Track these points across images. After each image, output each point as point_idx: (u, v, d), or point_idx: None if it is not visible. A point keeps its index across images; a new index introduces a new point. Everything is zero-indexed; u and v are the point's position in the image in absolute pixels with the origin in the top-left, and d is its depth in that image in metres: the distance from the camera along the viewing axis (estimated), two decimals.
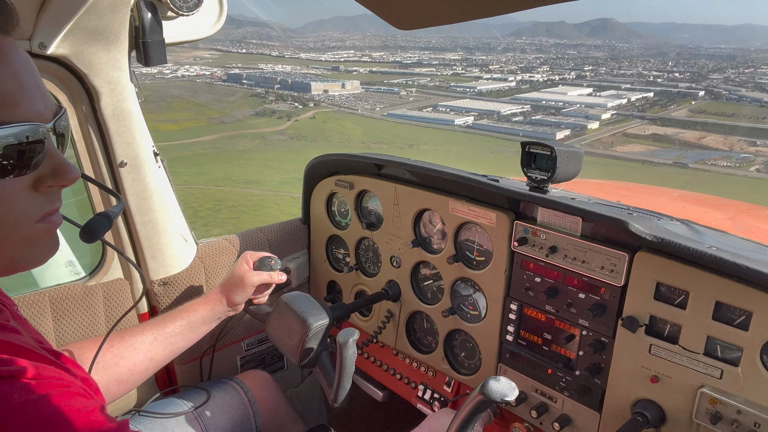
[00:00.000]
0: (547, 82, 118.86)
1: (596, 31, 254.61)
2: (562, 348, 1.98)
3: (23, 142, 0.91)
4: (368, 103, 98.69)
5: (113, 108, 2.12)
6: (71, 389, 0.98)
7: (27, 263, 1.02)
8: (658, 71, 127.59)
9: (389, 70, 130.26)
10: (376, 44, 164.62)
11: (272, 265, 2.26)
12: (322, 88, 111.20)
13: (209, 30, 2.26)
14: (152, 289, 2.43)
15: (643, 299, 1.71)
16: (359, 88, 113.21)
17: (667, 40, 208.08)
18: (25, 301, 2.11)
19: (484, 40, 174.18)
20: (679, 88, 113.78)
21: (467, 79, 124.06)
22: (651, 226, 1.68)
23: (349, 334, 1.88)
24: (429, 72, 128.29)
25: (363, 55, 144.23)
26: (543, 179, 1.93)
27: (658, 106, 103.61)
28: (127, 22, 2.01)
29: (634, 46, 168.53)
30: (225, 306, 2.18)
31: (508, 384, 1.40)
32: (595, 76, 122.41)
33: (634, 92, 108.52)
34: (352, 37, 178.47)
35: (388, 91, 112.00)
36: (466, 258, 2.25)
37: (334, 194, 2.75)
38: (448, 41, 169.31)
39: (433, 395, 2.44)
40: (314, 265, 2.95)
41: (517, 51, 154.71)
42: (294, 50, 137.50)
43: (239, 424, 2.27)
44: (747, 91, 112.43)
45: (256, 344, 2.83)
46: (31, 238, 0.98)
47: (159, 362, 2.01)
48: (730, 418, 1.55)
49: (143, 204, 2.30)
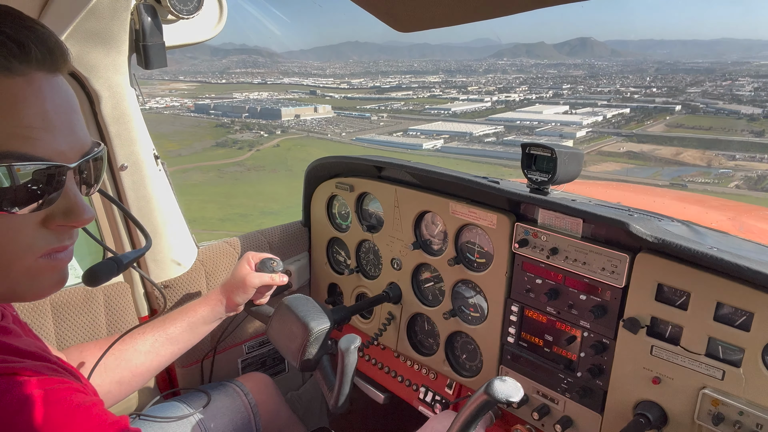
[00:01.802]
0: (523, 101, 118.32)
1: (576, 50, 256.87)
2: (564, 350, 1.97)
3: (37, 177, 0.90)
4: (338, 127, 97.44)
5: (114, 111, 2.13)
6: (71, 386, 0.99)
7: (28, 295, 1.00)
8: (636, 87, 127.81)
9: (364, 96, 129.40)
10: (357, 71, 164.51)
11: (274, 266, 2.26)
12: (294, 113, 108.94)
13: (209, 33, 2.26)
14: (153, 292, 2.43)
15: (645, 300, 1.71)
16: (331, 112, 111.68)
17: (646, 56, 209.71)
18: (27, 304, 2.11)
19: (466, 63, 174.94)
20: (656, 103, 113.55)
21: (443, 101, 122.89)
22: (652, 227, 1.68)
23: (350, 341, 1.87)
24: (405, 96, 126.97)
25: (342, 82, 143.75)
26: (543, 181, 1.93)
27: (635, 122, 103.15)
28: (127, 25, 2.02)
29: (613, 64, 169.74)
30: (225, 307, 2.18)
31: (514, 385, 1.39)
32: (572, 94, 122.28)
33: (611, 109, 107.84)
34: (333, 65, 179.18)
35: (359, 116, 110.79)
36: (467, 260, 2.25)
37: (335, 197, 2.75)
38: (431, 64, 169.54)
39: (434, 397, 2.44)
40: (315, 268, 2.95)
41: (498, 72, 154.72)
42: (278, 75, 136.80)
43: (240, 427, 2.27)
44: (724, 104, 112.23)
45: (257, 347, 2.83)
46: (34, 272, 0.97)
47: (161, 363, 2.01)
48: (732, 420, 1.54)
49: (144, 207, 2.30)
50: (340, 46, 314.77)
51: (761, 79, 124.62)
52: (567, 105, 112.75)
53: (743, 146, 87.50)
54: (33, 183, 0.90)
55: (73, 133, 0.97)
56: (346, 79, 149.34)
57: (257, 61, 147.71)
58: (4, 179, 0.86)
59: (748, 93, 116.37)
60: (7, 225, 0.91)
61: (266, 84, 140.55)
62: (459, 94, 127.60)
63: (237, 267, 2.23)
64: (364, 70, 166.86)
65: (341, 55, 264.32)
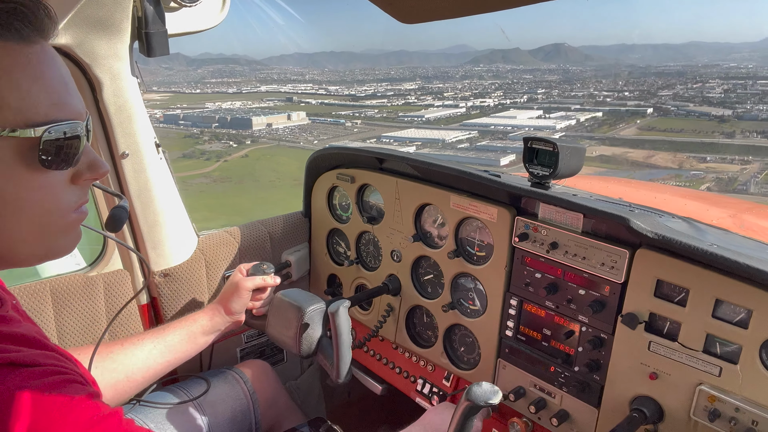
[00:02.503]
0: (498, 107, 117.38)
1: (550, 56, 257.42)
2: (562, 344, 1.98)
3: (70, 138, 1.00)
4: (312, 134, 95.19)
5: (115, 99, 2.12)
6: (68, 376, 1.00)
7: (61, 251, 1.09)
8: (609, 91, 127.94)
9: (340, 102, 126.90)
10: (334, 78, 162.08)
11: (265, 269, 2.29)
12: (266, 122, 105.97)
13: (212, 21, 2.25)
14: (153, 280, 2.44)
15: (643, 296, 1.71)
16: (306, 119, 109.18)
17: (619, 61, 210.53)
18: (26, 291, 2.11)
19: (443, 69, 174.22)
20: (628, 107, 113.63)
21: (417, 107, 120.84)
22: (652, 223, 1.68)
23: (339, 303, 1.90)
24: (380, 104, 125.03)
25: (320, 88, 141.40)
26: (545, 175, 1.93)
27: (607, 126, 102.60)
28: (129, 12, 2.01)
29: (587, 69, 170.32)
30: (224, 316, 2.20)
31: (491, 388, 1.43)
32: (546, 99, 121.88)
33: (584, 113, 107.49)
34: (311, 72, 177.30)
35: (334, 122, 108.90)
36: (467, 253, 2.25)
37: (336, 188, 2.75)
38: (408, 71, 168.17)
39: (432, 389, 2.45)
40: (315, 259, 2.95)
41: (474, 78, 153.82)
42: (255, 83, 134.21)
43: (239, 414, 2.28)
44: (695, 106, 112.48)
45: (256, 336, 2.84)
46: (69, 227, 1.07)
47: (157, 371, 2.01)
48: (728, 416, 1.55)
49: (144, 195, 2.30)
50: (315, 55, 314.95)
51: (731, 80, 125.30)
52: (541, 110, 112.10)
53: (714, 148, 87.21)
54: (69, 142, 0.99)
55: (78, 95, 1.06)
56: (323, 85, 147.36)
57: (234, 70, 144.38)
58: (49, 144, 0.96)
59: (717, 95, 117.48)
60: (50, 185, 1.00)
61: (241, 93, 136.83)
62: (434, 101, 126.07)
63: (230, 277, 2.28)
64: (340, 78, 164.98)
65: (318, 63, 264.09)
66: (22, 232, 1.00)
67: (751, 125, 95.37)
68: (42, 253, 1.06)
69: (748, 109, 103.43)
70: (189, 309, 2.48)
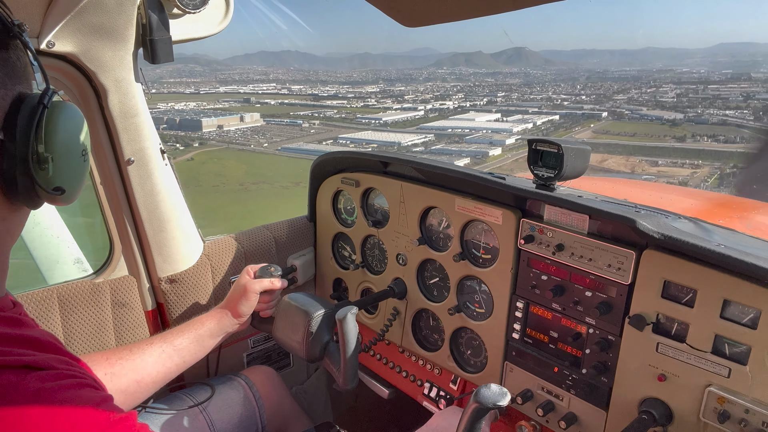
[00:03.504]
0: (457, 109, 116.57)
1: (512, 59, 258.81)
2: (569, 346, 1.97)
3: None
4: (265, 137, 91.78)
5: (120, 106, 2.13)
6: (82, 380, 1.01)
7: None
8: (567, 95, 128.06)
9: (299, 102, 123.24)
10: (298, 78, 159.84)
11: (272, 272, 2.29)
12: (216, 124, 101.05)
13: (216, 27, 2.26)
14: (159, 286, 2.44)
15: (651, 297, 1.70)
16: (260, 120, 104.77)
17: (578, 65, 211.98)
18: (34, 298, 2.12)
19: (407, 72, 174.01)
20: (584, 110, 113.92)
21: (376, 110, 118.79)
22: (658, 223, 1.67)
23: (346, 310, 1.90)
24: (340, 104, 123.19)
25: (282, 87, 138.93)
26: (550, 177, 1.92)
27: (563, 129, 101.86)
28: (134, 20, 2.02)
29: (547, 73, 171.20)
30: (231, 319, 2.20)
31: (499, 390, 1.42)
32: (505, 102, 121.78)
33: (541, 116, 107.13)
34: (276, 71, 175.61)
35: (291, 123, 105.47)
36: (473, 256, 2.25)
37: (341, 192, 2.75)
38: (371, 74, 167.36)
39: (439, 393, 2.44)
40: (320, 263, 2.95)
41: (437, 80, 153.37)
42: (215, 84, 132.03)
43: (244, 419, 2.28)
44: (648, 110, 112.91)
45: (263, 341, 2.84)
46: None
47: (167, 375, 2.03)
48: (737, 417, 1.54)
49: (150, 201, 2.31)
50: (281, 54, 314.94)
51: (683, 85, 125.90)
52: (499, 113, 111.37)
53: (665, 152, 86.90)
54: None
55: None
56: (287, 84, 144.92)
57: (194, 71, 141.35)
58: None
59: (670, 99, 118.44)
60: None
61: (199, 94, 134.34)
62: (393, 104, 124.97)
63: (237, 279, 2.28)
64: (304, 77, 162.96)
65: (284, 62, 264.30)
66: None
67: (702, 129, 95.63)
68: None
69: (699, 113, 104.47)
70: (195, 314, 2.48)
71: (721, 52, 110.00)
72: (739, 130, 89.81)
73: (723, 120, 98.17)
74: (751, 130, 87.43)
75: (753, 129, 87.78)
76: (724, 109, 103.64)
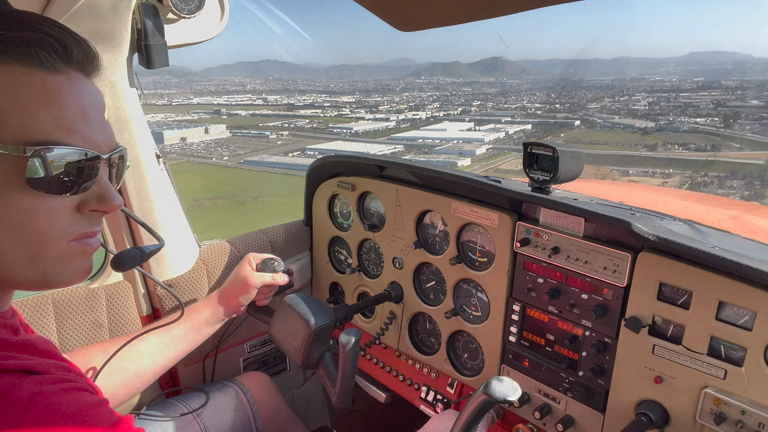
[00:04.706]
0: (430, 119, 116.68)
1: (489, 69, 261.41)
2: (565, 349, 1.97)
3: (76, 165, 1.00)
4: (228, 150, 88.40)
5: (115, 111, 2.13)
6: (78, 384, 1.01)
7: (59, 281, 1.06)
8: (541, 104, 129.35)
9: (271, 113, 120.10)
10: (276, 88, 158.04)
11: (275, 266, 2.28)
12: (179, 136, 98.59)
13: (211, 32, 2.26)
14: (155, 292, 2.43)
15: (646, 300, 1.71)
16: (226, 132, 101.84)
17: (554, 74, 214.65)
18: (29, 304, 2.11)
19: (384, 82, 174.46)
20: (557, 119, 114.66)
21: (348, 119, 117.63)
22: (654, 226, 1.68)
23: (351, 335, 1.89)
24: (313, 114, 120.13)
25: (258, 98, 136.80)
26: (545, 180, 1.93)
27: (535, 138, 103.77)
28: (128, 25, 2.02)
29: (523, 82, 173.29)
30: (228, 308, 2.20)
31: (511, 384, 1.39)
32: (479, 111, 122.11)
33: (513, 125, 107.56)
34: (254, 81, 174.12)
35: (258, 134, 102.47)
36: (469, 259, 2.25)
37: (336, 196, 2.75)
38: (348, 85, 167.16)
39: (436, 396, 2.44)
40: (317, 267, 2.95)
41: (415, 90, 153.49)
42: (189, 95, 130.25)
43: (239, 426, 2.28)
44: (620, 118, 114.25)
45: (259, 346, 2.83)
46: (66, 256, 1.04)
47: (164, 365, 2.04)
48: (734, 419, 1.54)
49: (146, 206, 2.31)
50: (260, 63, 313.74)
51: (655, 93, 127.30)
52: (472, 122, 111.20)
53: (636, 161, 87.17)
54: (74, 169, 0.99)
55: (105, 130, 1.08)
56: (263, 95, 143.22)
57: (169, 82, 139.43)
58: (50, 166, 0.96)
59: (642, 107, 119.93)
60: (47, 208, 0.99)
61: (171, 105, 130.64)
62: (366, 114, 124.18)
63: (238, 268, 2.25)
64: (282, 87, 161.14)
65: (263, 72, 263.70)
66: (13, 253, 0.98)
67: (673, 137, 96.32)
68: (37, 279, 1.03)
69: (671, 121, 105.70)
70: None
71: (693, 61, 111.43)
72: (710, 137, 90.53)
73: (694, 128, 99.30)
74: (722, 137, 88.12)
75: (723, 136, 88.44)
76: (695, 117, 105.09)
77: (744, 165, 72.26)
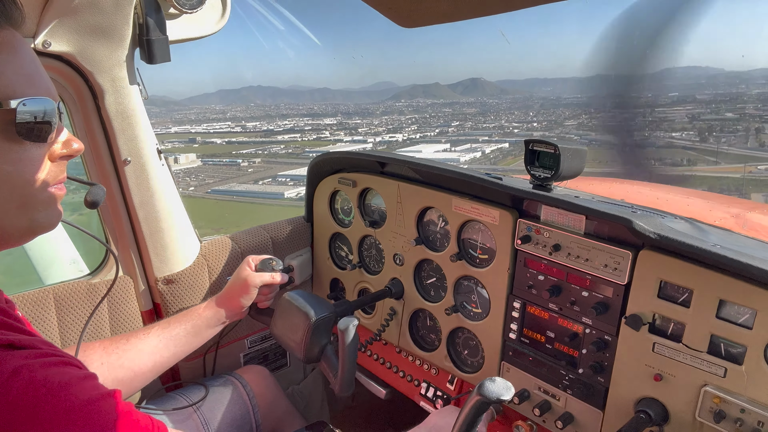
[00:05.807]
0: (406, 141, 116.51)
1: (468, 90, 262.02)
2: (566, 346, 1.97)
3: (51, 114, 1.07)
4: (196, 179, 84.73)
5: (117, 106, 2.13)
6: (65, 359, 1.03)
7: (43, 225, 1.14)
8: (519, 122, 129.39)
9: (247, 140, 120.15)
10: (257, 114, 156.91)
11: (273, 265, 2.29)
12: None
13: (213, 27, 2.26)
14: (156, 287, 2.44)
15: (647, 297, 1.71)
16: (196, 161, 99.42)
17: (532, 93, 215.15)
18: (30, 299, 2.12)
19: (364, 106, 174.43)
20: (534, 138, 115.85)
21: (326, 142, 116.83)
22: (655, 224, 1.67)
23: (348, 321, 1.90)
24: (291, 138, 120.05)
25: (237, 125, 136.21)
26: (546, 177, 1.93)
27: (512, 156, 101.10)
28: (130, 19, 2.01)
29: (503, 101, 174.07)
30: (230, 310, 2.21)
31: (504, 384, 1.41)
32: (457, 132, 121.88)
33: (491, 144, 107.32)
34: (235, 109, 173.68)
35: (229, 162, 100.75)
36: (470, 256, 2.25)
37: (338, 192, 2.75)
38: (330, 108, 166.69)
39: (436, 393, 2.44)
40: (317, 263, 2.95)
41: (395, 113, 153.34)
42: (168, 125, 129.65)
43: (238, 418, 2.29)
44: (596, 135, 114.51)
45: (259, 341, 2.84)
46: (49, 201, 1.13)
47: (163, 364, 2.04)
48: (733, 417, 1.54)
49: (147, 201, 2.31)
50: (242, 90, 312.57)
51: (630, 110, 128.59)
52: (449, 143, 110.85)
53: (612, 177, 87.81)
54: (50, 117, 1.08)
55: (48, 78, 1.14)
56: (243, 122, 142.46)
57: (150, 111, 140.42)
58: (37, 115, 1.04)
59: (618, 123, 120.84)
60: (30, 158, 1.07)
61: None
62: (345, 136, 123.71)
63: (238, 270, 2.28)
64: (264, 113, 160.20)
65: (245, 99, 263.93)
66: (4, 202, 1.05)
67: (648, 153, 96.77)
68: (25, 226, 1.10)
69: (646, 137, 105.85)
70: None
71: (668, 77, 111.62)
72: (685, 152, 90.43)
73: (669, 143, 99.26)
74: (697, 151, 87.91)
75: (699, 150, 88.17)
76: (670, 131, 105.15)
77: (721, 179, 72.12)
